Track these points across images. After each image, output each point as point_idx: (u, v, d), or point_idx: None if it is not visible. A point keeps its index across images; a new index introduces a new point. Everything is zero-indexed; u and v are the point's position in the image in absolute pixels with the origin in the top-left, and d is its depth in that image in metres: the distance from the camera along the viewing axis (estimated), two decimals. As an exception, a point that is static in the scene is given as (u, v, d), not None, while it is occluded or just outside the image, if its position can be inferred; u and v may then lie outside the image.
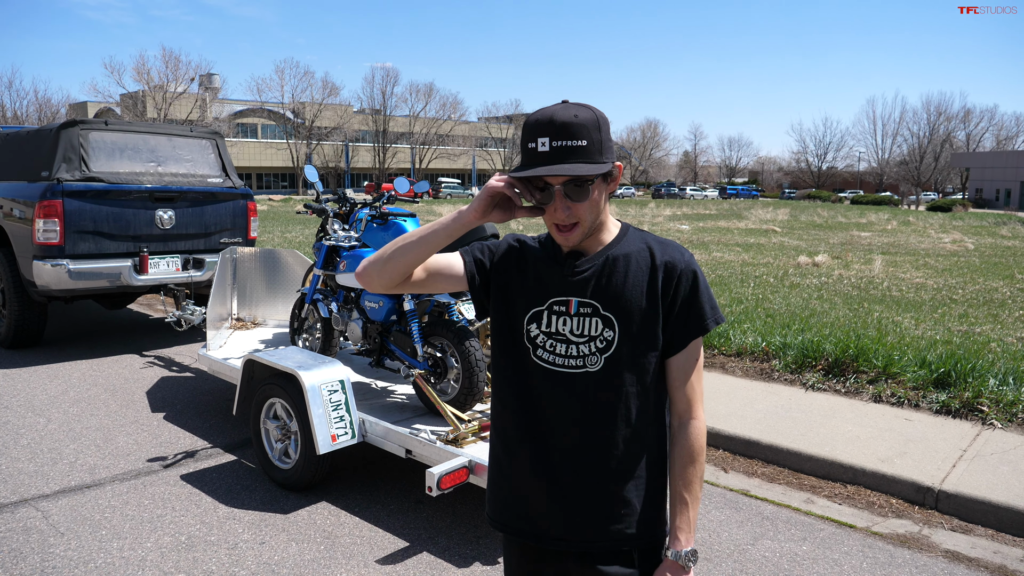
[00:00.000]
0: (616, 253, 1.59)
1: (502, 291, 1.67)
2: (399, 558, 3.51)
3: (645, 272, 1.58)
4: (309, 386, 3.94)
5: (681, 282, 1.58)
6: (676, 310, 1.58)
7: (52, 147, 6.96)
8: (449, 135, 75.03)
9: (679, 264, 1.58)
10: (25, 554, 3.48)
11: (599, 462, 1.59)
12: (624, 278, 1.57)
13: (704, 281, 1.60)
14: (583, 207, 1.51)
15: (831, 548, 3.71)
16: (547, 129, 1.46)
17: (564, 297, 1.59)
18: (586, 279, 1.58)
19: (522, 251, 1.68)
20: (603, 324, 1.57)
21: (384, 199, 5.26)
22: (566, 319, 1.58)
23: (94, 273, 6.97)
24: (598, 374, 1.57)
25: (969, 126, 79.56)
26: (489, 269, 1.69)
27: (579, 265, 1.59)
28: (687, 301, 1.58)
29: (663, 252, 1.60)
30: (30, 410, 5.59)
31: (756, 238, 21.42)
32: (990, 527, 3.95)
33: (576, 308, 1.58)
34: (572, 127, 1.45)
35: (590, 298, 1.58)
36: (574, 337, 1.58)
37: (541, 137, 1.46)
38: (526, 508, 1.65)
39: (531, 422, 1.62)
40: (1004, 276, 12.90)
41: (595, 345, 1.57)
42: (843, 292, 10.50)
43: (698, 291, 1.59)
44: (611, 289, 1.57)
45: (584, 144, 1.46)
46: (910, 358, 5.93)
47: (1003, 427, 4.97)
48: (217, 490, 4.24)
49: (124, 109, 54.31)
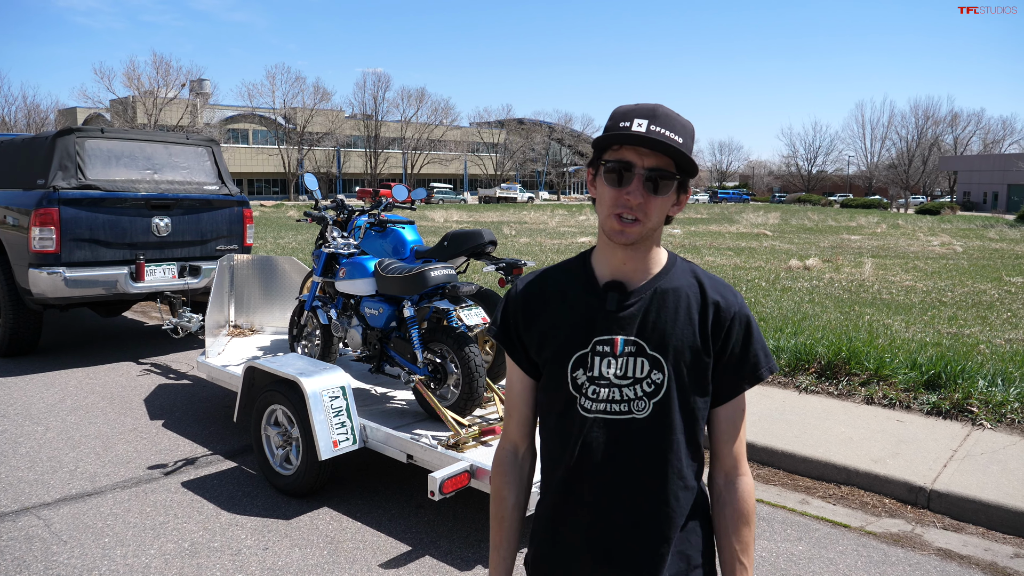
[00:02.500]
0: (665, 286, 1.45)
1: (540, 344, 1.51)
2: (402, 562, 3.56)
3: (696, 309, 1.44)
4: (311, 392, 3.98)
5: (734, 325, 1.45)
6: (727, 356, 1.45)
7: (48, 155, 6.97)
8: (441, 140, 75.03)
9: (732, 305, 1.45)
10: (28, 562, 3.50)
11: (655, 521, 1.45)
12: (674, 315, 1.43)
13: (757, 325, 1.48)
14: (656, 203, 1.38)
15: (826, 548, 3.77)
16: (647, 114, 1.36)
17: (608, 336, 1.44)
18: (632, 315, 1.43)
19: (547, 288, 1.53)
20: (650, 365, 1.42)
21: (382, 206, 5.32)
22: (611, 360, 1.43)
23: (90, 281, 6.98)
24: (646, 421, 1.43)
25: (957, 130, 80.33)
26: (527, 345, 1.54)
27: (625, 299, 1.44)
28: (740, 346, 1.46)
29: (715, 289, 1.46)
30: (28, 418, 5.60)
31: (747, 242, 21.55)
32: (981, 525, 4.02)
33: (622, 347, 1.43)
34: (674, 121, 1.37)
35: (636, 336, 1.43)
36: (617, 380, 1.43)
37: (639, 119, 1.35)
38: (577, 568, 1.49)
39: (579, 477, 1.46)
40: (992, 278, 13.05)
41: (642, 388, 1.42)
42: (834, 295, 10.60)
43: (752, 335, 1.46)
44: (659, 327, 1.43)
45: (680, 141, 1.36)
46: (901, 360, 6.02)
47: (992, 427, 5.06)
48: (219, 496, 4.27)
49: (114, 115, 54.08)
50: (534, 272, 1.58)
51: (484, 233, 4.92)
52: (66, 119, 58.18)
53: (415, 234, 5.21)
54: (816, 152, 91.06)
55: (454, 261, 4.92)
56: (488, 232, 4.93)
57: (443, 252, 4.90)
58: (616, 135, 1.35)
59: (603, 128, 1.42)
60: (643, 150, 1.36)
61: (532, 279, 1.56)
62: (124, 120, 52.61)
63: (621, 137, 1.35)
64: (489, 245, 4.93)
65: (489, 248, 4.93)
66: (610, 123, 1.40)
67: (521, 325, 1.53)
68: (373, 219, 5.17)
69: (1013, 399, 5.24)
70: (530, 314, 1.53)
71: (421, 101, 73.02)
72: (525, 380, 1.57)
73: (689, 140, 1.38)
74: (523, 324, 1.53)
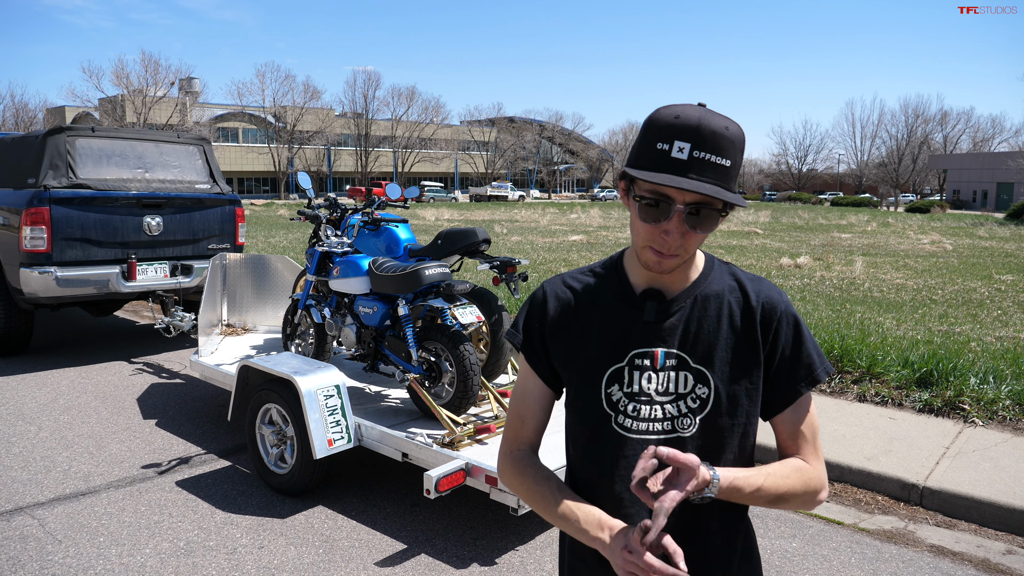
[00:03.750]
0: (706, 292, 1.35)
1: (566, 356, 1.40)
2: (397, 560, 3.56)
3: (739, 314, 1.34)
4: (305, 391, 3.97)
5: (782, 326, 1.34)
6: (778, 360, 1.34)
7: (38, 154, 6.93)
8: (432, 139, 74.96)
9: (779, 305, 1.35)
10: (24, 562, 3.48)
11: (699, 550, 1.32)
12: (717, 323, 1.33)
13: (804, 323, 1.37)
14: (697, 238, 1.26)
15: (820, 544, 3.79)
16: (690, 134, 1.18)
17: (647, 348, 1.33)
18: (673, 325, 1.33)
19: (578, 295, 1.42)
20: (695, 379, 1.32)
21: (376, 205, 5.31)
22: (651, 375, 1.32)
23: (82, 280, 6.95)
24: (692, 440, 1.32)
25: (946, 128, 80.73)
26: (551, 353, 1.43)
27: (665, 308, 1.34)
28: (792, 348, 1.35)
29: (758, 290, 1.36)
30: (20, 418, 5.57)
31: (738, 240, 21.64)
32: (973, 522, 4.05)
33: (663, 361, 1.32)
34: (721, 140, 1.19)
35: (678, 349, 1.32)
36: (659, 396, 1.32)
37: (680, 141, 1.18)
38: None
39: (620, 503, 1.34)
40: (982, 276, 13.14)
41: (686, 405, 1.32)
42: (825, 293, 10.65)
43: (802, 336, 1.36)
44: (702, 336, 1.33)
45: (727, 165, 1.21)
46: (893, 358, 6.05)
47: (984, 425, 5.10)
48: (213, 495, 4.26)
49: (103, 113, 53.74)
50: (560, 276, 1.46)
51: (478, 232, 4.92)
52: (54, 118, 57.81)
53: (409, 232, 5.20)
54: (806, 150, 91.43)
55: (448, 260, 4.92)
56: (482, 231, 4.93)
57: (437, 251, 4.90)
58: (652, 177, 1.19)
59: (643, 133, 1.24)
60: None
61: (559, 284, 1.44)
62: (113, 119, 52.31)
63: (657, 177, 1.19)
64: (483, 244, 4.93)
65: (483, 246, 4.93)
66: (646, 140, 1.23)
67: (548, 333, 1.42)
68: (367, 217, 5.16)
69: (1005, 397, 5.28)
70: (557, 322, 1.41)
71: (411, 99, 72.97)
72: (543, 390, 1.45)
73: (739, 156, 1.23)
74: (549, 332, 1.42)
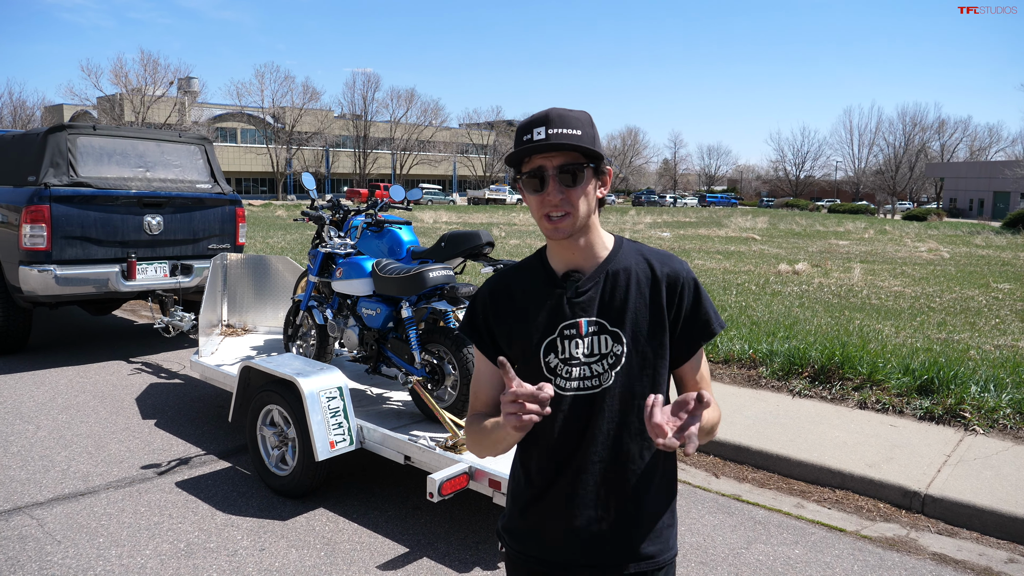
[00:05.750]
0: (615, 267, 1.61)
1: (509, 336, 1.65)
2: (399, 564, 3.54)
3: (647, 285, 1.60)
4: (308, 393, 3.96)
5: (684, 292, 1.60)
6: (682, 320, 1.61)
7: (39, 152, 6.90)
8: (430, 141, 74.95)
9: (681, 275, 1.61)
10: (23, 562, 3.46)
11: (624, 480, 1.59)
12: (626, 292, 1.59)
13: (703, 289, 1.64)
14: (576, 194, 1.52)
15: (822, 551, 3.79)
16: (542, 121, 1.50)
17: (573, 319, 1.59)
18: (591, 298, 1.59)
19: (511, 286, 1.67)
20: (612, 340, 1.58)
21: (379, 206, 5.30)
22: (578, 341, 1.58)
23: (82, 279, 6.92)
24: (611, 389, 1.58)
25: (943, 137, 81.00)
26: (496, 336, 1.67)
27: (581, 285, 1.59)
28: (692, 310, 1.61)
29: (662, 264, 1.62)
30: (18, 417, 5.54)
31: (736, 246, 21.65)
32: (975, 530, 4.05)
33: (586, 329, 1.58)
34: (567, 118, 1.50)
35: (597, 316, 1.58)
36: (586, 358, 1.58)
37: (536, 127, 1.49)
38: (558, 537, 1.61)
39: (559, 454, 1.61)
40: (979, 285, 13.16)
41: (607, 363, 1.58)
42: (823, 300, 10.66)
43: (701, 299, 1.62)
44: (615, 304, 1.58)
45: (579, 134, 1.50)
46: (894, 365, 6.05)
47: (985, 433, 5.10)
48: (214, 497, 4.24)
49: (101, 112, 53.63)
50: (497, 273, 1.73)
51: (482, 234, 4.91)
52: (53, 116, 57.69)
53: (412, 235, 5.19)
54: (804, 157, 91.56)
55: (451, 262, 4.91)
56: (486, 233, 4.92)
57: (440, 253, 4.89)
58: (523, 149, 1.50)
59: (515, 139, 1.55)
60: (549, 153, 1.51)
61: (496, 279, 1.71)
62: (111, 118, 52.21)
63: (526, 150, 1.50)
64: (486, 246, 4.92)
65: (486, 249, 4.92)
66: (516, 139, 1.55)
67: (491, 319, 1.67)
68: (370, 219, 5.15)
69: (1005, 405, 5.28)
70: (498, 309, 1.67)
71: (411, 102, 73.01)
72: (492, 369, 1.68)
73: (588, 128, 1.52)
74: (492, 319, 1.67)
